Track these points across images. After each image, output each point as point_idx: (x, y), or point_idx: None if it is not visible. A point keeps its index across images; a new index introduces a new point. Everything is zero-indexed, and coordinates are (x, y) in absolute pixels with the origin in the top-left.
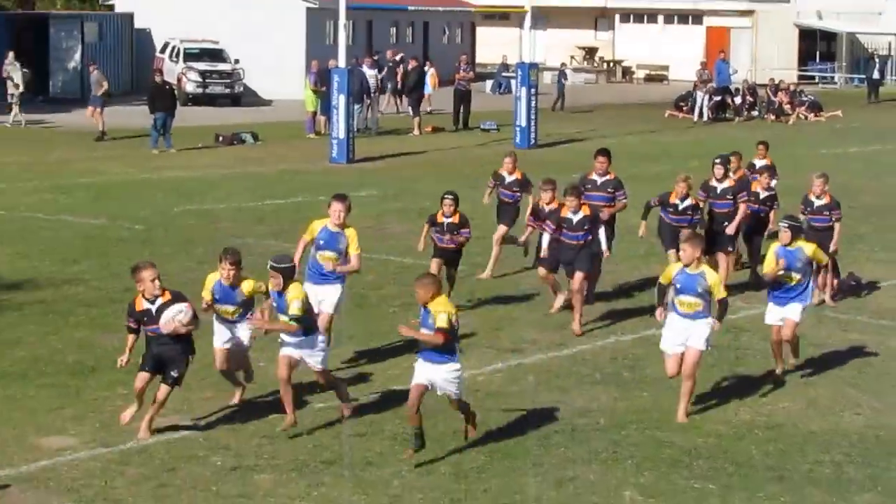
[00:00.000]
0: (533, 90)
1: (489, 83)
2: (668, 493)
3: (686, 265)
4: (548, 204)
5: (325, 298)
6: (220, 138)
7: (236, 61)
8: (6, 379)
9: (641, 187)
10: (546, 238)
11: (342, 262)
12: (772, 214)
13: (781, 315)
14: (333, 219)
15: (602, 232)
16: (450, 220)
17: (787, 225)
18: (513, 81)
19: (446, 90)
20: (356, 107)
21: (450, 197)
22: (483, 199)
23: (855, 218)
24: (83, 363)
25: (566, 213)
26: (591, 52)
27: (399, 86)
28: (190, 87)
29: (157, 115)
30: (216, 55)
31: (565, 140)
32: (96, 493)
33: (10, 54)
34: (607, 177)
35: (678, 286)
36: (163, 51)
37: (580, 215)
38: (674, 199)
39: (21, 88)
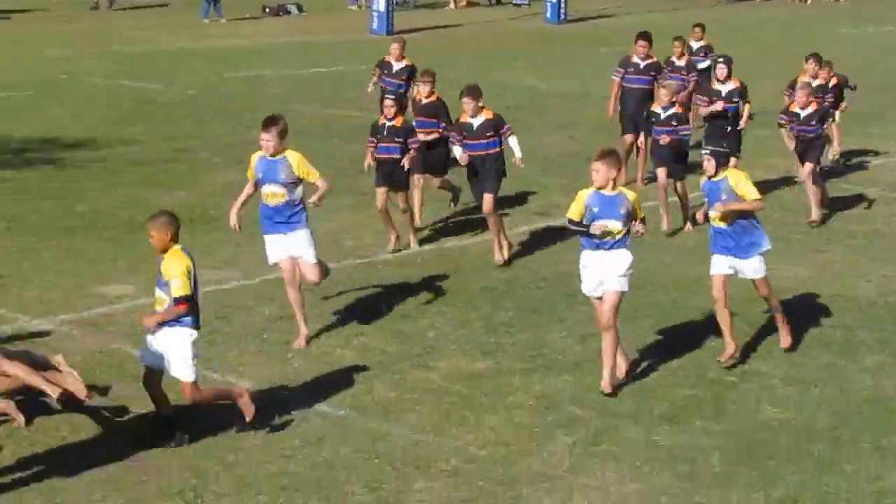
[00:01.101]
0: None
1: None
2: (688, 343)
3: (600, 188)
4: (426, 98)
5: (295, 251)
6: (267, 9)
7: None
8: (68, 232)
9: None
10: (458, 150)
11: (289, 194)
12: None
13: (730, 266)
14: (264, 151)
15: (515, 140)
16: (391, 122)
17: (707, 152)
18: None
19: None
20: None
21: (390, 98)
22: (368, 88)
23: (869, 98)
24: (136, 219)
25: (465, 118)
26: None
27: None
28: None
29: None
30: None
31: (594, 16)
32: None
33: None
34: (649, 60)
35: (595, 210)
36: None
37: (481, 119)
38: (656, 108)
39: None
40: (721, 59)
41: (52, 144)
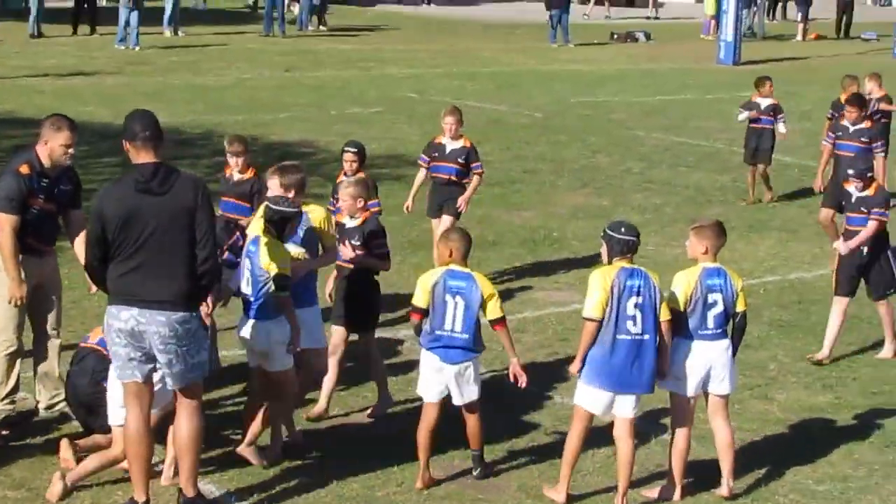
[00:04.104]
0: None
1: None
2: None
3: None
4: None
5: None
6: (615, 36)
7: None
8: (413, 248)
9: None
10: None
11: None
12: None
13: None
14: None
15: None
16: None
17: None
18: None
19: None
20: (744, 12)
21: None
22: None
23: None
24: (484, 237)
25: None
26: None
27: None
28: None
29: (553, 12)
30: None
31: None
32: (494, 357)
33: None
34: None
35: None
36: None
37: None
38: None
39: None
40: None
41: (397, 160)
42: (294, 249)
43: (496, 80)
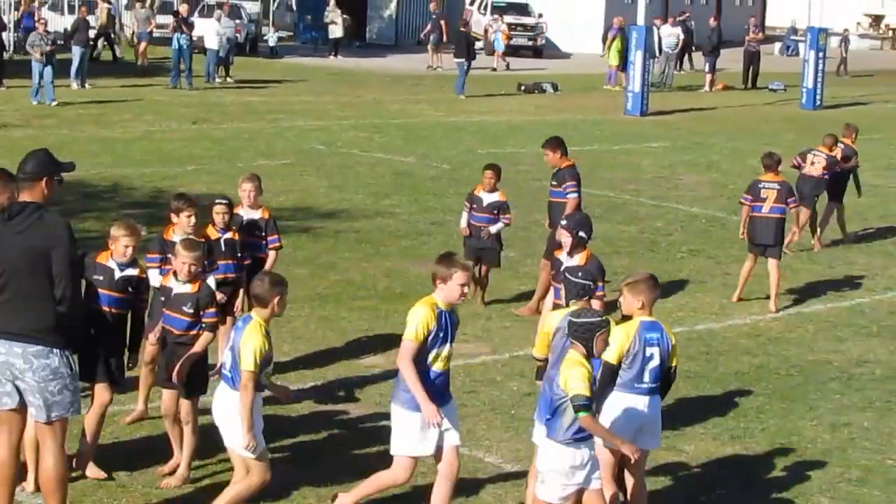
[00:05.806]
0: (821, 54)
1: (778, 45)
2: None
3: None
4: None
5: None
6: (523, 87)
7: (540, 16)
8: (321, 301)
9: None
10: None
11: None
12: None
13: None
14: None
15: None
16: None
17: None
18: (801, 45)
19: (737, 50)
20: (651, 61)
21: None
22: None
23: None
24: (392, 289)
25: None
26: (877, 19)
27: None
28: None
29: (471, 62)
30: (522, 9)
31: (850, 103)
32: None
33: (332, 2)
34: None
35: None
36: (472, 3)
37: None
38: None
39: (340, 34)
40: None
41: (305, 212)
42: None
43: (404, 132)
